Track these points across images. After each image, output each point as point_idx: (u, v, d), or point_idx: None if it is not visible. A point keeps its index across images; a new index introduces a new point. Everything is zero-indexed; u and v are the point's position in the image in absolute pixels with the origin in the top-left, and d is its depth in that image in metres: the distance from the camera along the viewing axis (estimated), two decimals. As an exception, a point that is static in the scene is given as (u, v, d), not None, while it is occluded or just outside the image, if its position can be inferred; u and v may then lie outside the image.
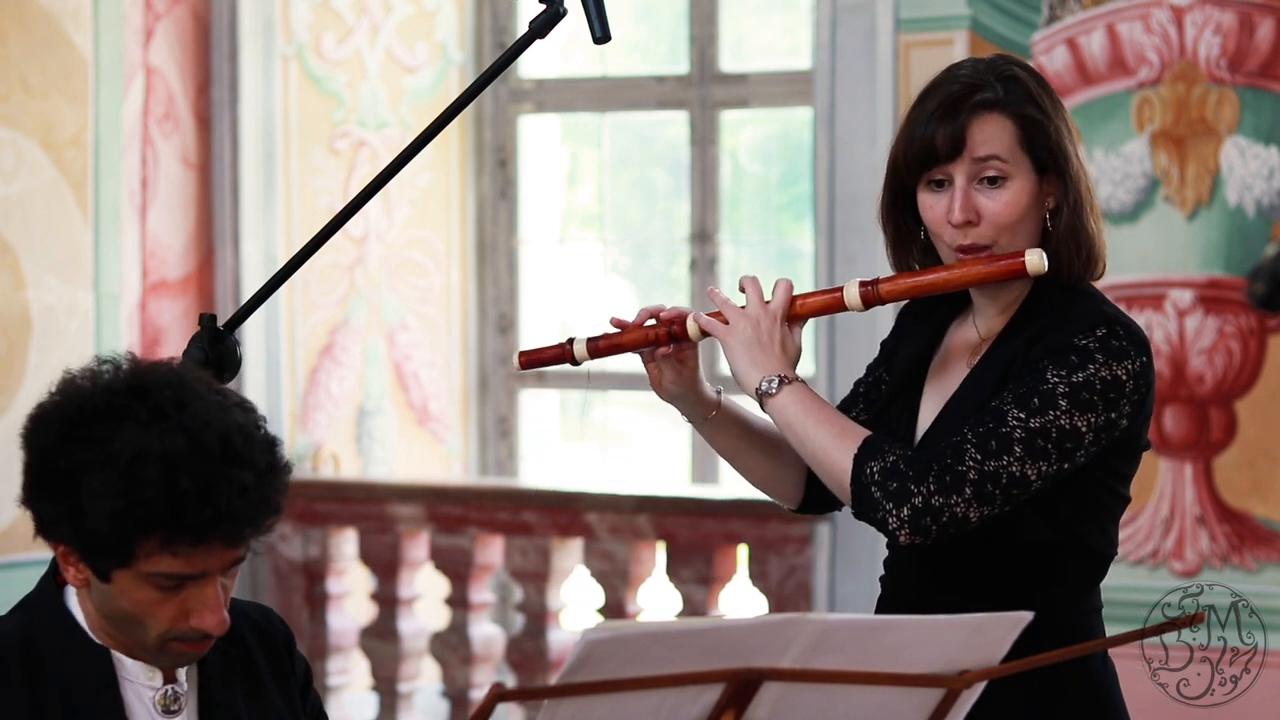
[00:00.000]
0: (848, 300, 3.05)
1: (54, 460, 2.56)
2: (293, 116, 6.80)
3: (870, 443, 2.97)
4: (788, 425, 3.02)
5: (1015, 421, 2.92)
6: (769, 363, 3.05)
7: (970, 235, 3.00)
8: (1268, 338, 5.58)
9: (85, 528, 2.53)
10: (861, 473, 2.94)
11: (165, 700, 2.67)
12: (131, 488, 2.51)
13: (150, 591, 2.57)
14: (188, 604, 2.58)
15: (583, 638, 2.21)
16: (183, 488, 2.51)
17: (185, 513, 2.51)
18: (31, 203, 6.23)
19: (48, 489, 2.58)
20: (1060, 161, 3.03)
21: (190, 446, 2.52)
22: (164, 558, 2.54)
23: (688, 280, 6.91)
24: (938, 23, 5.89)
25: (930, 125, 3.01)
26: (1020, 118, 3.01)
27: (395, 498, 6.61)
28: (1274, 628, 5.38)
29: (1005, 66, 3.06)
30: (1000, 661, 2.47)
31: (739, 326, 3.07)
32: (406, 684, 6.69)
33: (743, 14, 6.96)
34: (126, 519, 2.51)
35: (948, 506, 2.91)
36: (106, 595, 2.60)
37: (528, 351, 3.22)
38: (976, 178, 3.00)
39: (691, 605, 6.24)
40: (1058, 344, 2.96)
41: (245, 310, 3.15)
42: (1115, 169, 5.72)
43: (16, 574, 6.26)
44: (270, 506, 2.57)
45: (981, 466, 2.91)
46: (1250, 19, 5.57)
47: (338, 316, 6.91)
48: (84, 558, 2.58)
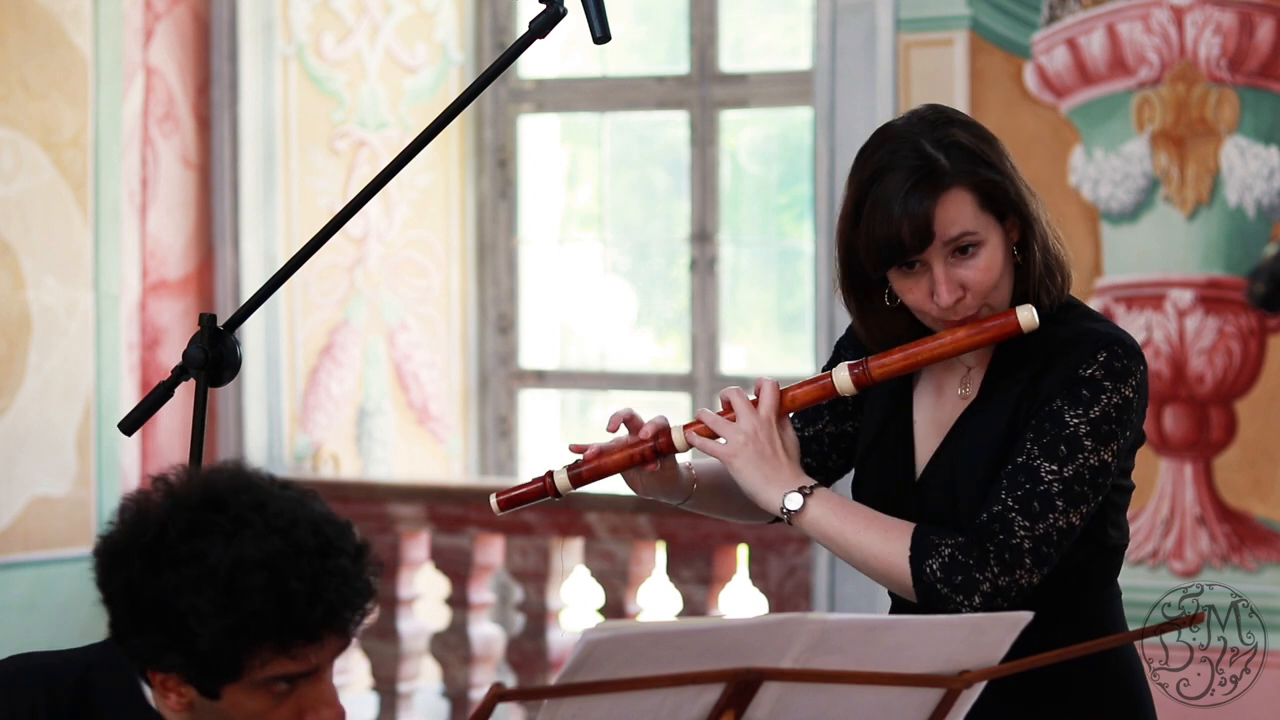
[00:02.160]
0: (839, 387, 3.03)
1: (143, 591, 2.45)
2: (292, 117, 6.80)
3: (919, 540, 2.95)
4: (825, 537, 3.00)
5: (1050, 476, 2.93)
6: (779, 475, 3.01)
7: (960, 310, 2.97)
8: (1268, 338, 5.58)
9: (194, 651, 2.43)
10: (922, 574, 2.93)
11: None
12: (239, 600, 2.42)
13: (264, 699, 2.49)
14: (302, 703, 2.51)
15: (583, 638, 2.21)
16: (292, 589, 2.43)
17: (298, 614, 2.43)
18: (31, 203, 6.23)
19: (143, 622, 2.46)
20: (1020, 208, 3.00)
21: (288, 547, 2.45)
22: (278, 662, 2.46)
23: (688, 280, 6.91)
24: (938, 23, 5.89)
25: (892, 219, 2.93)
26: (976, 185, 2.96)
27: (395, 498, 6.61)
28: (1274, 628, 5.37)
29: (940, 130, 2.98)
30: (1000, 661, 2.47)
31: (738, 444, 3.02)
32: (406, 684, 6.69)
33: (743, 14, 6.96)
34: (239, 633, 2.43)
35: (1014, 583, 2.92)
36: (216, 714, 2.51)
37: (506, 492, 3.11)
38: (950, 253, 2.96)
39: (691, 605, 6.23)
40: (1065, 379, 2.96)
41: (245, 310, 3.14)
42: (1115, 169, 5.72)
43: (16, 574, 6.26)
44: (370, 589, 2.51)
45: (1033, 533, 2.92)
46: (1250, 19, 5.57)
47: (338, 317, 6.91)
48: (189, 680, 2.48)
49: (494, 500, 3.12)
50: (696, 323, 6.89)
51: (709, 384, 6.85)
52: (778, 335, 7.25)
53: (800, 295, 6.96)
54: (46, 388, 6.28)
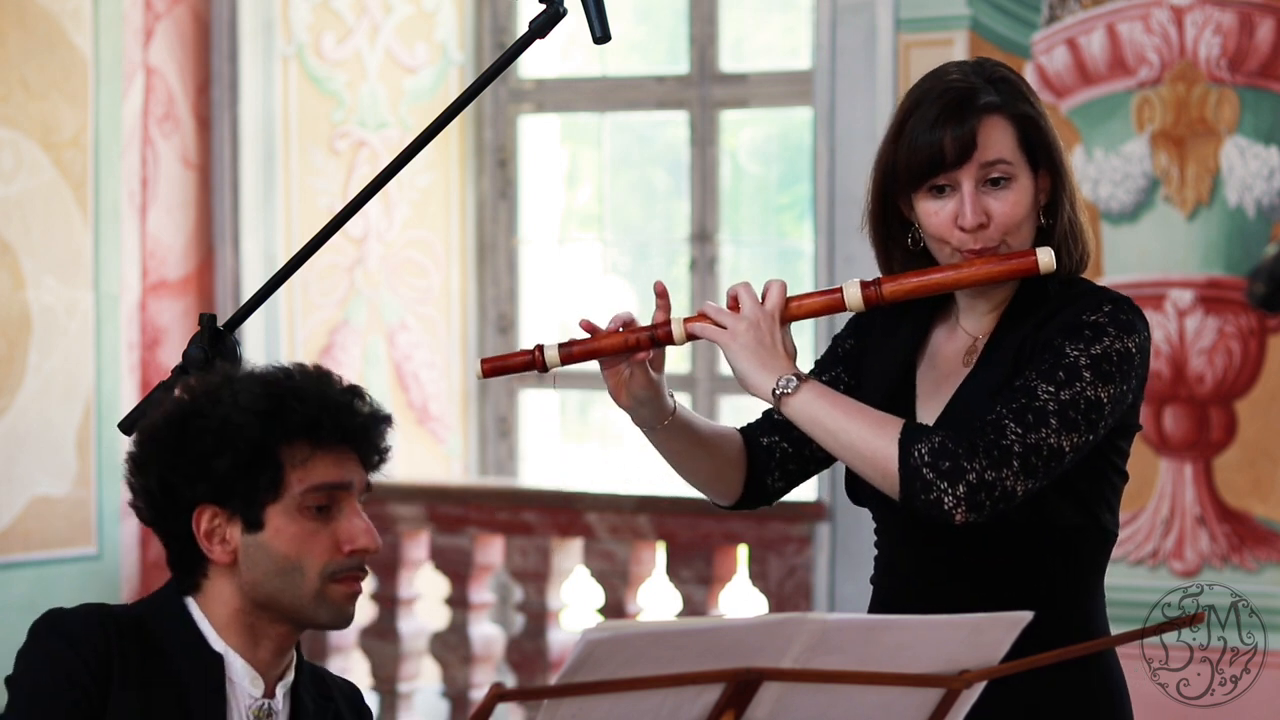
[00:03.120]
0: (848, 300, 3.02)
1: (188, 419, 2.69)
2: (293, 117, 6.80)
3: (911, 426, 2.95)
4: (813, 420, 2.98)
5: (1046, 395, 2.93)
6: (777, 363, 3.01)
7: (980, 239, 3.00)
8: (1268, 338, 5.58)
9: (241, 442, 2.65)
10: (909, 456, 2.92)
11: (259, 713, 2.73)
12: (278, 390, 2.69)
13: (304, 523, 2.69)
14: (338, 533, 2.71)
15: (583, 638, 2.21)
16: (325, 376, 2.73)
17: (330, 401, 2.70)
18: (31, 203, 6.23)
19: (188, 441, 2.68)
20: (1055, 158, 3.06)
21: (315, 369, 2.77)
22: (312, 465, 2.69)
23: (688, 280, 6.91)
24: (938, 23, 5.89)
25: (935, 132, 2.99)
26: (1018, 118, 3.02)
27: (395, 498, 6.61)
28: (1274, 628, 5.38)
29: (992, 68, 3.06)
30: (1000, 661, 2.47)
31: (739, 330, 3.01)
32: (406, 684, 6.70)
33: (743, 14, 6.96)
34: (278, 419, 2.67)
35: (999, 481, 2.90)
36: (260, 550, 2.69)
37: (491, 359, 3.12)
38: (982, 181, 3.00)
39: (691, 605, 6.24)
40: (1069, 322, 2.98)
41: (245, 310, 3.15)
42: (1115, 169, 5.72)
43: (16, 574, 6.26)
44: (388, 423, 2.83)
45: (1024, 439, 2.91)
46: (1250, 19, 5.57)
47: (337, 317, 6.92)
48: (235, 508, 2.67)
49: (479, 364, 3.13)
50: (696, 323, 6.88)
51: (709, 384, 6.85)
52: (778, 335, 7.24)
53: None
54: (46, 388, 6.29)
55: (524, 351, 3.10)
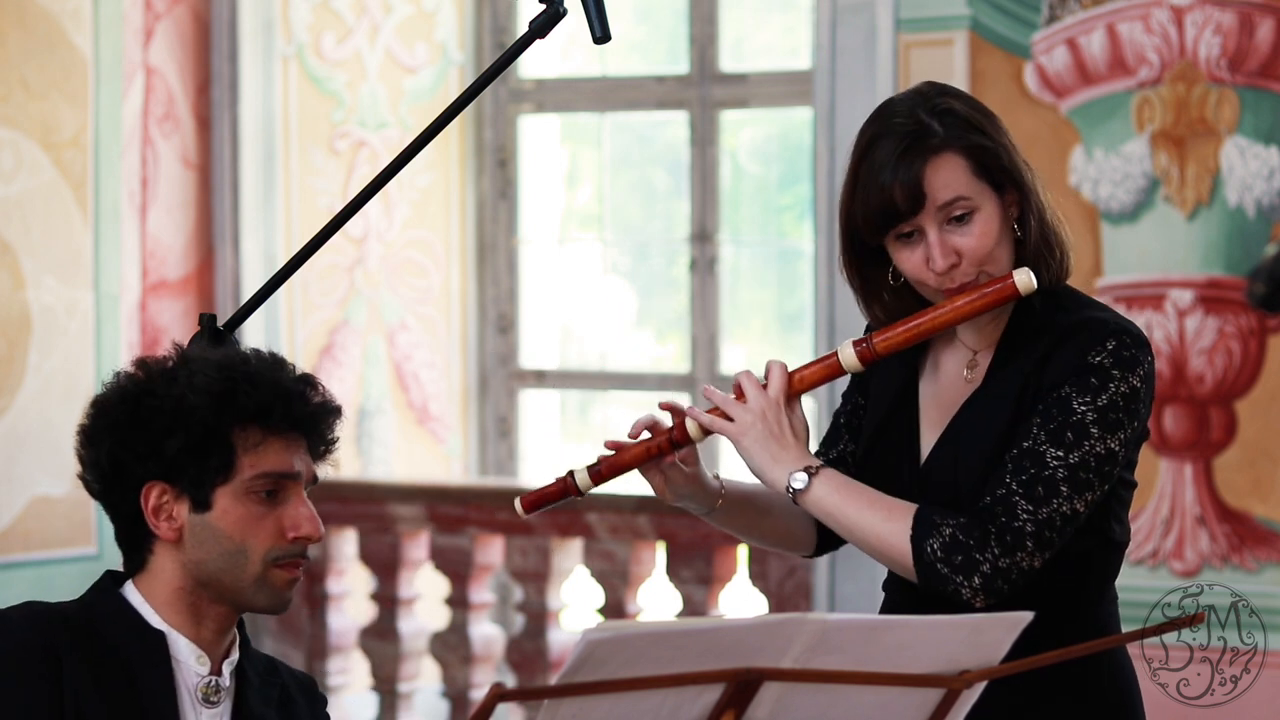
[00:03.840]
0: (844, 363, 3.04)
1: (142, 398, 2.73)
2: (293, 116, 6.80)
3: (921, 519, 2.96)
4: (827, 515, 3.00)
5: (1055, 462, 2.93)
6: (787, 454, 3.02)
7: (956, 277, 2.99)
8: (1268, 338, 5.58)
9: (192, 424, 2.70)
10: (923, 553, 2.93)
11: (207, 689, 2.77)
12: (232, 373, 2.73)
13: (250, 506, 2.73)
14: (283, 519, 2.75)
15: (583, 638, 2.21)
16: (278, 368, 2.77)
17: (283, 387, 2.74)
18: (31, 203, 6.23)
19: (141, 419, 2.72)
20: (1015, 177, 3.02)
21: (271, 356, 2.80)
22: (263, 451, 2.74)
23: (688, 280, 6.91)
24: (938, 23, 5.89)
25: (883, 183, 2.97)
26: (968, 150, 2.98)
27: (395, 498, 6.61)
28: (1274, 628, 5.38)
29: (936, 99, 3.02)
30: (1000, 661, 2.47)
31: (746, 423, 3.03)
32: (406, 684, 6.69)
33: (743, 14, 6.96)
34: (231, 401, 2.71)
35: (1015, 565, 2.92)
36: (206, 530, 2.73)
37: (530, 494, 3.14)
38: (945, 220, 2.98)
39: (691, 605, 6.23)
40: (1073, 365, 2.96)
41: (245, 310, 3.15)
42: (1115, 169, 5.72)
43: (16, 574, 6.26)
44: (338, 412, 2.86)
45: (1035, 516, 2.92)
46: (1250, 19, 5.57)
47: (337, 317, 6.91)
48: (184, 487, 2.72)
49: (518, 503, 3.15)
50: (696, 323, 6.89)
51: (709, 384, 6.84)
52: (778, 335, 7.25)
53: (800, 295, 6.96)
54: (46, 388, 6.29)
55: (557, 481, 3.13)
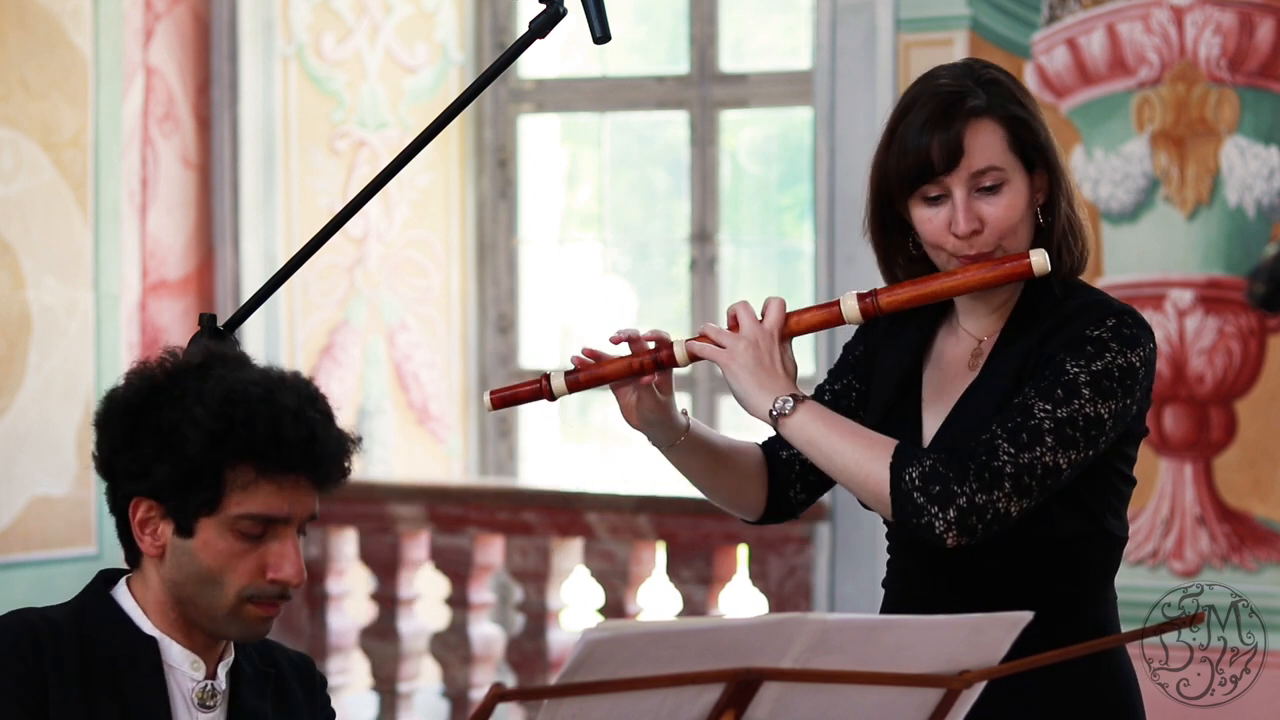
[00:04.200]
0: (845, 314, 3.03)
1: (144, 413, 2.68)
2: (293, 116, 6.80)
3: (902, 449, 2.96)
4: (809, 442, 2.99)
5: (1042, 413, 2.93)
6: (775, 383, 3.01)
7: (975, 244, 2.99)
8: (1268, 338, 5.58)
9: (182, 459, 2.63)
10: (900, 480, 2.93)
11: (203, 694, 2.75)
12: (231, 411, 2.64)
13: (233, 542, 2.67)
14: (265, 559, 2.68)
15: (583, 638, 2.21)
16: (282, 406, 2.65)
17: (282, 431, 2.64)
18: (31, 203, 6.23)
19: (136, 437, 2.68)
20: (1049, 158, 3.03)
21: (281, 380, 2.69)
22: (254, 492, 2.65)
23: (688, 280, 6.91)
24: (938, 23, 5.89)
25: (922, 138, 2.98)
26: (1008, 120, 3.00)
27: (395, 498, 6.61)
28: (1274, 628, 5.38)
29: (982, 70, 3.04)
30: (1000, 661, 2.47)
31: (738, 349, 3.02)
32: (406, 684, 6.70)
33: (743, 14, 6.96)
34: (226, 440, 2.63)
35: (990, 503, 2.91)
36: (186, 555, 2.68)
37: (500, 390, 3.12)
38: (975, 187, 2.99)
39: (691, 605, 6.24)
40: (1071, 336, 2.97)
41: (245, 310, 3.15)
42: (1115, 169, 5.72)
43: (16, 574, 6.26)
44: (346, 451, 2.73)
45: (1016, 459, 2.91)
46: (1250, 19, 5.57)
47: (337, 317, 6.92)
48: (169, 510, 2.67)
49: (487, 396, 3.13)
50: (696, 323, 6.89)
51: (709, 384, 6.85)
52: (778, 335, 7.24)
53: (800, 295, 6.96)
54: (46, 388, 6.29)
55: (531, 381, 3.11)
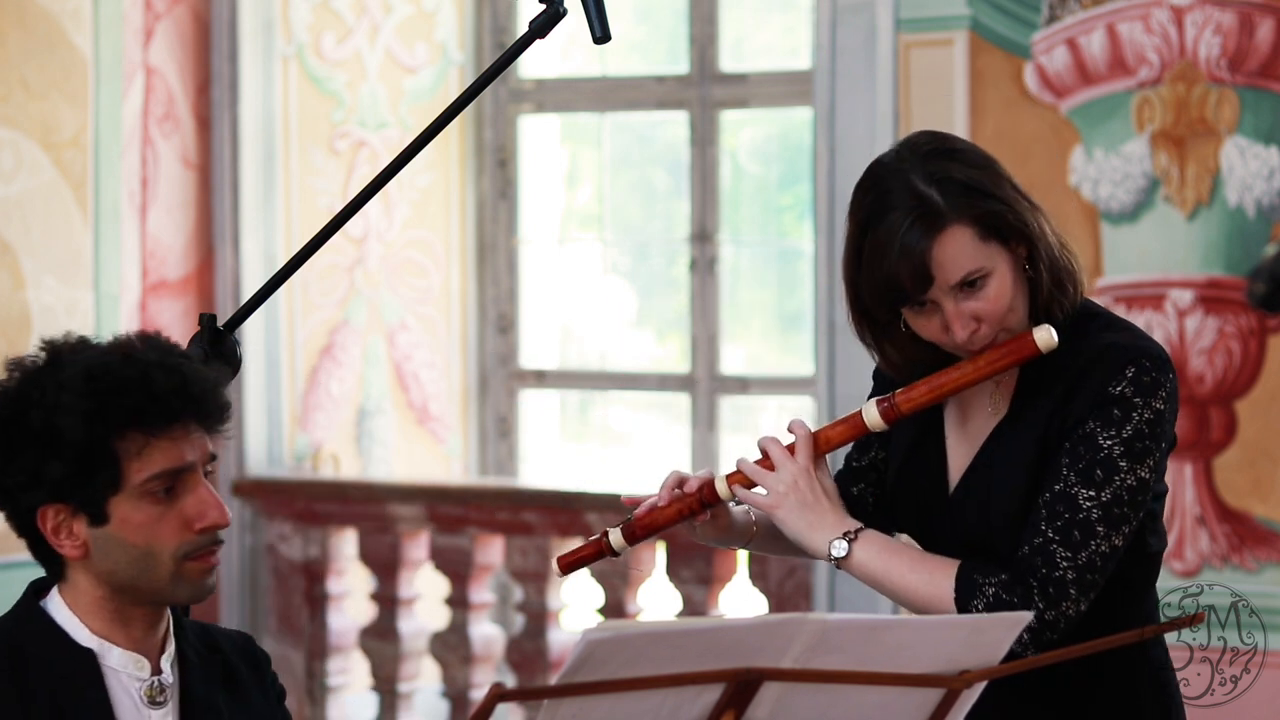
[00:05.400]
0: (869, 423, 3.03)
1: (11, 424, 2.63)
2: (293, 116, 6.80)
3: (963, 580, 2.95)
4: (872, 580, 3.01)
5: (1088, 503, 2.92)
6: (824, 520, 3.02)
7: (976, 341, 2.97)
8: (1268, 338, 5.58)
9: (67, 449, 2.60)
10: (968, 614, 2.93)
11: (151, 692, 2.72)
12: (98, 384, 2.61)
13: (148, 508, 2.64)
14: (186, 512, 2.67)
15: (583, 638, 2.21)
16: (147, 362, 2.64)
17: (155, 387, 2.62)
18: (31, 203, 6.23)
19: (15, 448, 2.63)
20: (1022, 229, 2.96)
21: (139, 342, 2.69)
22: (149, 454, 2.63)
23: (688, 280, 6.91)
24: (938, 23, 5.89)
25: (889, 264, 2.92)
26: (973, 218, 2.93)
27: (395, 498, 6.61)
28: (1274, 628, 5.38)
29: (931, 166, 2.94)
30: (1000, 661, 2.47)
31: (780, 494, 3.03)
32: (406, 684, 6.69)
33: (743, 14, 6.96)
34: (103, 417, 2.60)
35: (1061, 615, 2.92)
36: (110, 542, 2.66)
37: (566, 555, 3.18)
38: (958, 290, 2.93)
39: (691, 605, 6.23)
40: (1096, 398, 2.94)
41: (245, 310, 3.15)
42: (1115, 169, 5.72)
43: (17, 574, 6.26)
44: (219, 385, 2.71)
45: (1075, 562, 2.92)
46: (1250, 19, 5.57)
47: (338, 317, 6.91)
48: (77, 506, 2.64)
49: (555, 564, 3.19)
50: (696, 323, 6.89)
51: (709, 384, 6.85)
52: (778, 335, 7.25)
53: (800, 295, 6.96)
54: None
55: (592, 542, 3.16)
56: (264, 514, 6.75)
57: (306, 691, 6.73)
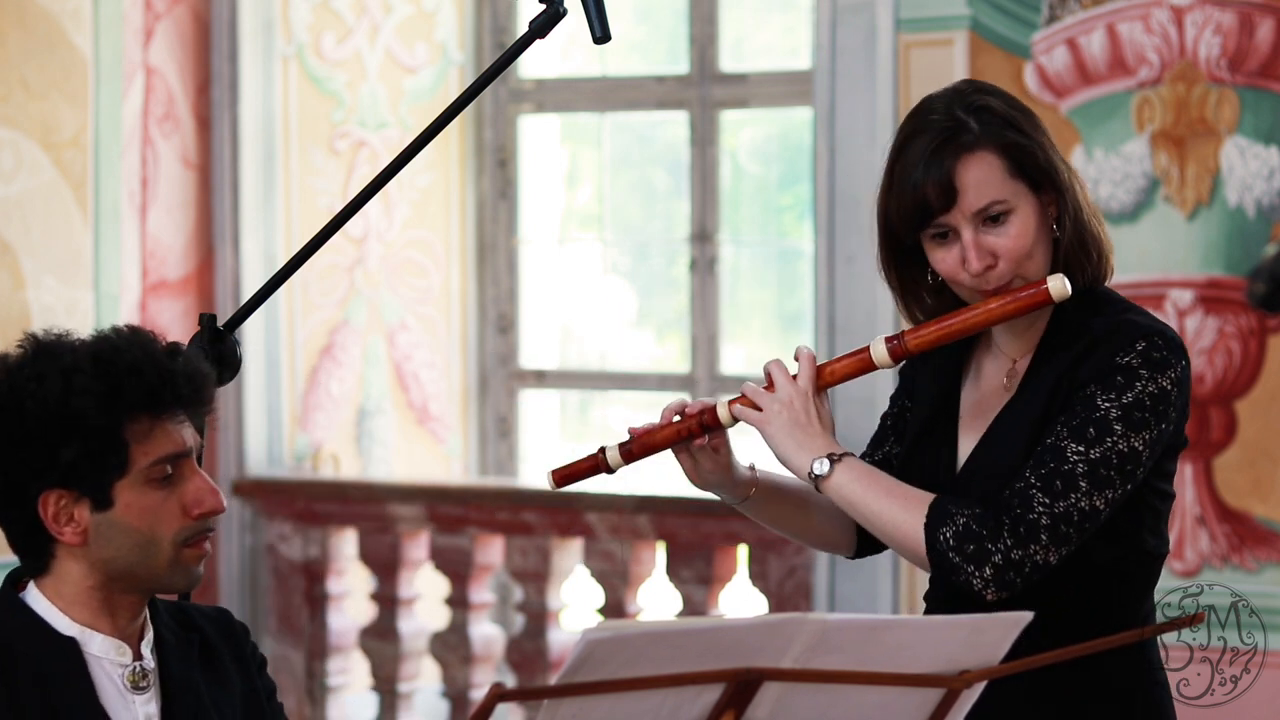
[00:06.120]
0: (876, 359, 3.03)
1: (20, 409, 2.66)
2: (293, 116, 6.80)
3: (937, 508, 2.95)
4: (848, 503, 3.01)
5: (1075, 456, 2.92)
6: (813, 442, 3.02)
7: (991, 279, 2.97)
8: (1268, 338, 5.58)
9: (84, 430, 2.64)
10: (936, 540, 2.93)
11: (134, 677, 2.74)
12: (111, 368, 2.67)
13: (152, 494, 2.69)
14: (185, 498, 2.71)
15: (583, 638, 2.21)
16: (154, 350, 2.71)
17: (164, 371, 2.69)
18: (31, 203, 6.23)
19: (29, 432, 2.66)
20: (1053, 176, 3.00)
21: (133, 333, 2.75)
22: (155, 438, 2.68)
23: (688, 280, 6.91)
24: (938, 23, 5.89)
25: (916, 180, 2.95)
26: (1003, 148, 2.97)
27: (395, 498, 6.61)
28: (1274, 628, 5.38)
29: (973, 96, 3.01)
30: (1000, 661, 2.48)
31: (774, 410, 3.04)
32: (406, 684, 6.70)
33: (743, 14, 6.96)
34: (119, 398, 2.66)
35: (1027, 557, 2.91)
36: (112, 527, 2.69)
37: (560, 468, 3.19)
38: (981, 221, 2.96)
39: (691, 605, 6.23)
40: (1101, 366, 2.95)
41: (245, 310, 3.15)
42: (1115, 169, 5.72)
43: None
44: (213, 376, 2.81)
45: (1051, 509, 2.90)
46: (1250, 19, 5.57)
47: (338, 317, 6.92)
48: (83, 489, 2.67)
49: (549, 475, 3.20)
50: (696, 323, 6.89)
51: (709, 384, 6.85)
52: (778, 335, 7.25)
53: (800, 295, 6.96)
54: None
55: (589, 457, 3.16)
56: (264, 514, 6.75)
57: (306, 691, 6.73)
